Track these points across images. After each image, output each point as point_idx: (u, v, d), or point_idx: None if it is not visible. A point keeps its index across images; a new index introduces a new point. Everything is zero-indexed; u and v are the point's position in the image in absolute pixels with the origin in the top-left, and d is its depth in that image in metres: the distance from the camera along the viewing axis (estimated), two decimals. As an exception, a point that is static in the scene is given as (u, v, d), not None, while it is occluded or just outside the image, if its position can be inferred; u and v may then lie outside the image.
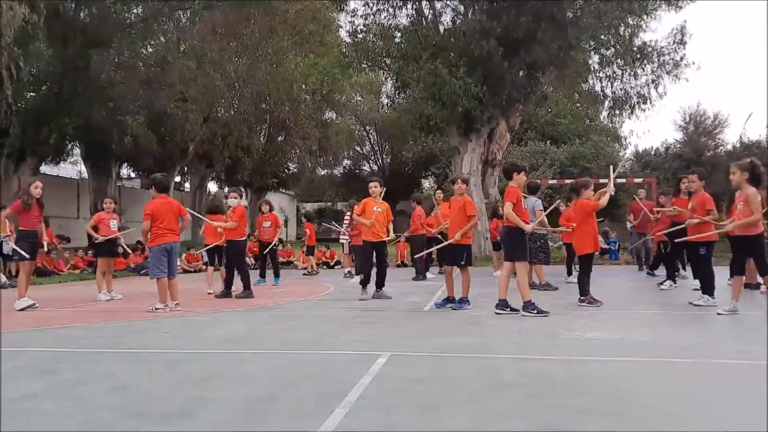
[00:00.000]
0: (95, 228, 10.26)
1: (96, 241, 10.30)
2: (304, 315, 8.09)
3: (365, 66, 20.65)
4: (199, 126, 23.39)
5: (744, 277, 7.58)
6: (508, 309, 7.51)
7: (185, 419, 3.52)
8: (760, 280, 9.65)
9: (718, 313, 7.22)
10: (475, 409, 3.64)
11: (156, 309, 8.19)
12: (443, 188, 17.41)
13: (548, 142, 28.47)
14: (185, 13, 21.87)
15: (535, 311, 7.36)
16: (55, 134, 18.11)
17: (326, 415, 3.51)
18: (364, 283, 9.34)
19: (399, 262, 17.80)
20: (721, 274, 8.35)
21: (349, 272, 13.77)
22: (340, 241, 16.24)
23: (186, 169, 28.96)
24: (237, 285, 10.11)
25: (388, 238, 9.38)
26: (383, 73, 23.64)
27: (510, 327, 6.67)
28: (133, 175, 30.88)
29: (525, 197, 8.80)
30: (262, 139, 28.48)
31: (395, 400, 3.82)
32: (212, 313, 8.36)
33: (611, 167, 8.84)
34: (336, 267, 17.39)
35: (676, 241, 9.12)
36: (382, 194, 9.52)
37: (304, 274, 15.43)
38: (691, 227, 8.28)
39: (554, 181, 21.31)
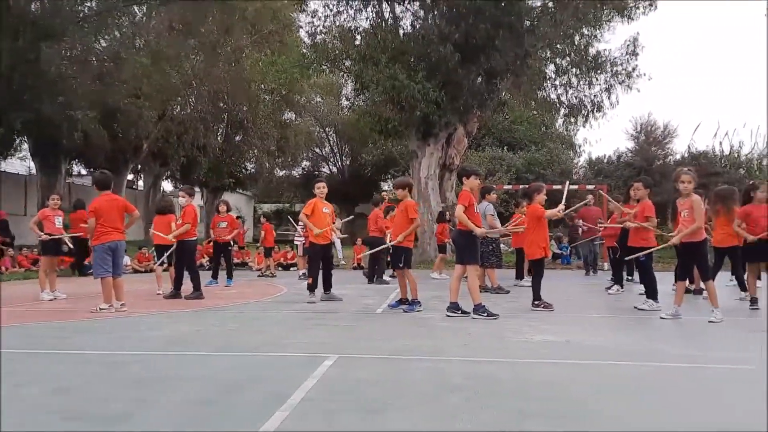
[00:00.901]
0: (39, 225, 9.94)
1: (40, 239, 9.97)
2: (254, 317, 7.97)
3: (325, 67, 20.57)
4: (154, 124, 22.93)
5: (686, 282, 7.76)
6: (459, 312, 7.55)
7: (123, 422, 3.43)
8: (703, 285, 9.95)
9: (661, 317, 7.39)
10: (420, 411, 3.62)
11: (100, 309, 7.96)
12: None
13: (505, 148, 28.81)
14: (141, 9, 21.41)
15: (485, 314, 7.40)
16: (1, 129, 17.50)
17: (266, 417, 3.45)
18: (312, 287, 9.16)
19: (356, 264, 17.74)
20: (668, 279, 8.57)
21: (304, 274, 13.64)
22: (295, 242, 16.12)
23: (140, 167, 28.34)
24: (188, 286, 9.92)
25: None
26: (343, 75, 23.60)
27: (460, 330, 6.69)
28: (84, 171, 30.06)
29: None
30: (219, 138, 28.08)
31: (339, 403, 3.78)
32: (159, 314, 8.18)
33: (566, 184, 8.99)
34: (291, 269, 17.23)
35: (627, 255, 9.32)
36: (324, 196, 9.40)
37: (260, 275, 15.22)
38: (632, 233, 8.53)
39: (509, 187, 21.54)
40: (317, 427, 3.33)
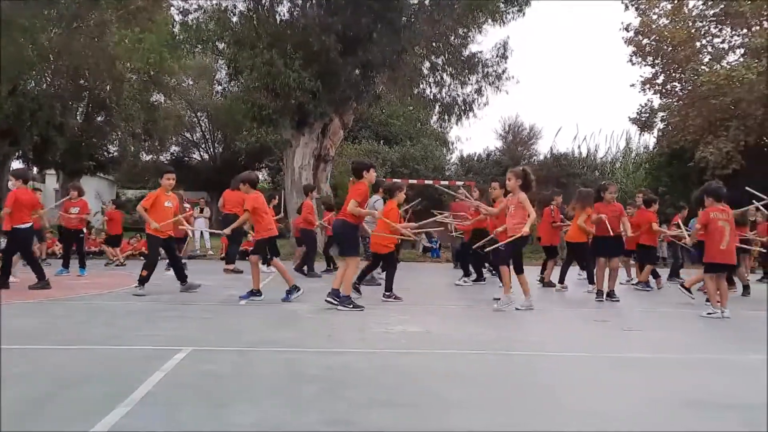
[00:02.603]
0: None
1: None
2: (105, 308, 7.45)
3: (197, 49, 19.69)
4: (4, 99, 20.92)
5: (523, 274, 8.00)
6: (351, 305, 7.45)
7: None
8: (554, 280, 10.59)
9: (516, 308, 7.74)
10: (269, 403, 3.52)
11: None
12: (275, 181, 17.14)
13: (381, 141, 29.13)
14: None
15: (351, 305, 7.40)
16: None
17: (104, 414, 3.21)
18: (143, 280, 8.49)
19: (223, 254, 17.16)
20: (533, 273, 8.99)
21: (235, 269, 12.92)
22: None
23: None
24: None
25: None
26: (216, 58, 22.74)
27: (325, 321, 6.65)
28: None
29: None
30: (78, 117, 26.10)
31: (185, 397, 3.60)
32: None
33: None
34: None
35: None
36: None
37: (106, 265, 14.08)
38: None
39: (384, 180, 21.80)
40: (156, 423, 3.14)
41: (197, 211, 17.75)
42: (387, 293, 8.48)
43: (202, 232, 18.09)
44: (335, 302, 7.43)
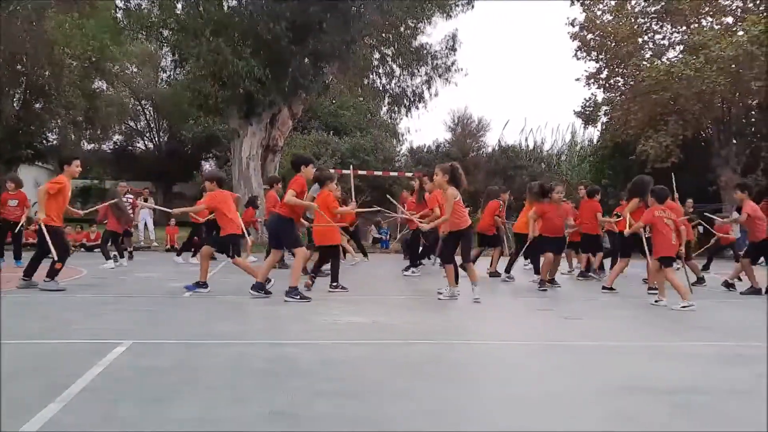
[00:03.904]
0: None
1: None
2: (43, 301, 7.20)
3: (140, 35, 19.17)
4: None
5: (452, 266, 7.97)
6: (299, 297, 7.39)
7: None
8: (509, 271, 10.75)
9: (439, 298, 7.71)
10: (211, 397, 3.47)
11: None
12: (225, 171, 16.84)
13: (331, 132, 28.97)
14: None
15: (298, 297, 7.36)
16: None
17: (37, 411, 3.09)
18: (53, 273, 7.93)
19: (169, 246, 16.83)
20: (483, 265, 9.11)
21: (114, 256, 12.61)
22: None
23: None
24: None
25: None
26: (161, 45, 22.19)
27: (271, 313, 6.60)
28: None
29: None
30: (15, 104, 25.06)
31: (123, 392, 3.51)
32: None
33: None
34: (95, 250, 15.88)
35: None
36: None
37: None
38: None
39: (333, 171, 21.72)
40: (92, 419, 3.05)
41: (141, 201, 17.31)
42: (333, 284, 8.47)
43: (146, 223, 17.65)
44: (294, 299, 7.33)
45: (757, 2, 20.27)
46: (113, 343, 4.68)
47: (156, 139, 34.19)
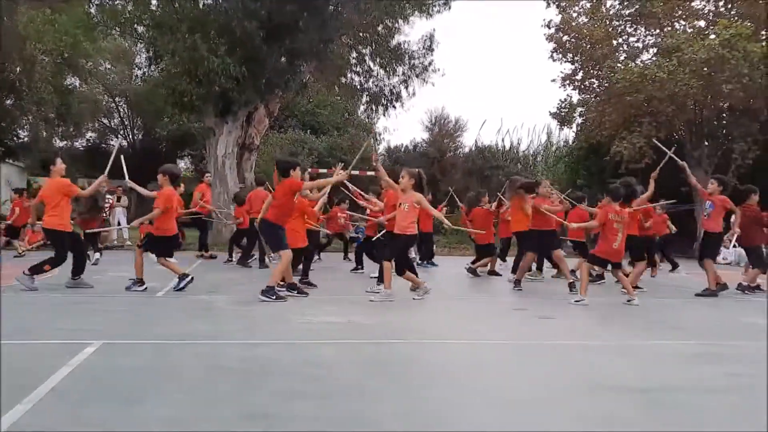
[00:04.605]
0: None
1: None
2: (14, 301, 7.02)
3: (114, 31, 18.86)
4: None
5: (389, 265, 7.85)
6: (275, 297, 7.32)
7: None
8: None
9: (371, 300, 7.66)
10: (183, 398, 3.42)
11: None
12: (198, 170, 16.67)
13: (308, 131, 28.84)
14: None
15: (274, 297, 7.30)
16: None
17: (4, 412, 3.03)
18: (37, 271, 7.86)
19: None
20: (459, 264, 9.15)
21: (88, 254, 12.40)
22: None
23: None
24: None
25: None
26: (135, 41, 21.88)
27: (246, 313, 6.54)
28: None
29: None
30: (-15, 100, 24.58)
31: (92, 393, 3.45)
32: None
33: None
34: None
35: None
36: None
37: (15, 257, 13.30)
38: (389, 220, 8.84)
39: (310, 170, 21.64)
40: (59, 421, 2.99)
41: (114, 199, 17.10)
42: (303, 280, 8.48)
43: (119, 222, 17.40)
44: (270, 298, 7.27)
45: (729, 6, 20.63)
46: (83, 343, 4.60)
47: (130, 136, 33.74)
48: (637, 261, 9.25)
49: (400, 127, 42.19)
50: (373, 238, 10.63)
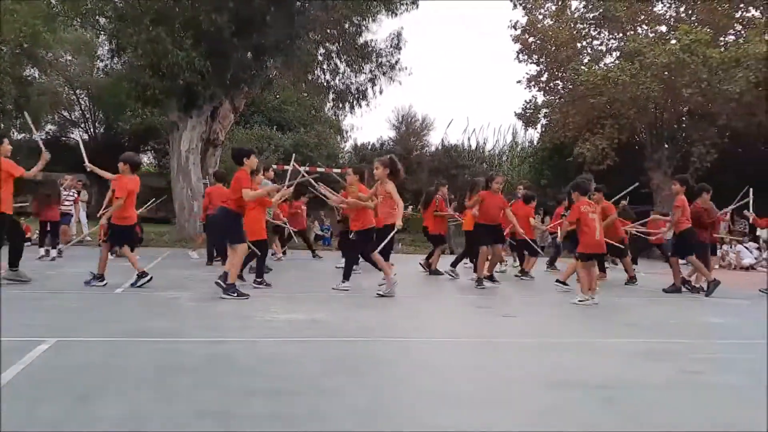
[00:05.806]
0: None
1: None
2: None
3: (75, 22, 18.42)
4: None
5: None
6: (236, 293, 7.22)
7: None
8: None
9: (332, 288, 7.88)
10: (139, 395, 3.36)
11: None
12: (161, 165, 16.38)
13: (274, 127, 28.60)
14: None
15: (236, 294, 7.22)
16: None
17: (-51, 413, 2.92)
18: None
19: (101, 240, 16.22)
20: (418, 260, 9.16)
21: (47, 251, 12.10)
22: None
23: None
24: None
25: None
26: (97, 33, 21.41)
27: (206, 310, 6.45)
28: None
29: None
30: (-62, 90, 23.81)
31: (45, 391, 3.36)
32: None
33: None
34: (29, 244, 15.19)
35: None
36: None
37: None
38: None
39: (275, 166, 21.46)
40: (10, 420, 2.90)
41: (78, 195, 16.70)
42: (259, 279, 8.42)
43: (80, 219, 17.01)
44: (232, 296, 7.17)
45: (689, 12, 21.12)
46: (36, 340, 4.48)
47: (92, 130, 33.00)
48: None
49: (367, 125, 42.25)
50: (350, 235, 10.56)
